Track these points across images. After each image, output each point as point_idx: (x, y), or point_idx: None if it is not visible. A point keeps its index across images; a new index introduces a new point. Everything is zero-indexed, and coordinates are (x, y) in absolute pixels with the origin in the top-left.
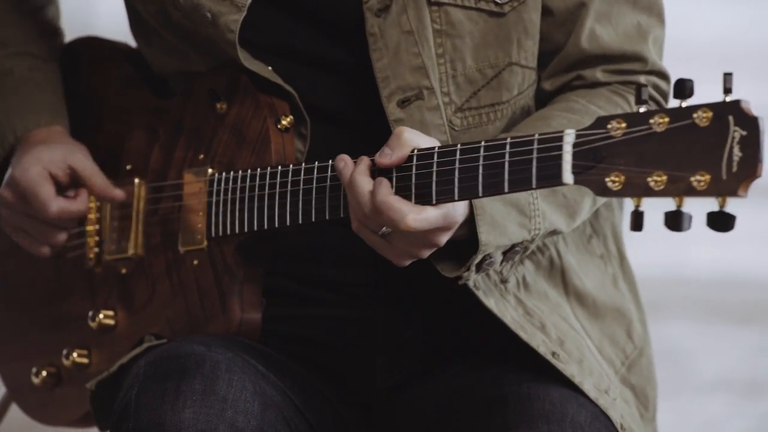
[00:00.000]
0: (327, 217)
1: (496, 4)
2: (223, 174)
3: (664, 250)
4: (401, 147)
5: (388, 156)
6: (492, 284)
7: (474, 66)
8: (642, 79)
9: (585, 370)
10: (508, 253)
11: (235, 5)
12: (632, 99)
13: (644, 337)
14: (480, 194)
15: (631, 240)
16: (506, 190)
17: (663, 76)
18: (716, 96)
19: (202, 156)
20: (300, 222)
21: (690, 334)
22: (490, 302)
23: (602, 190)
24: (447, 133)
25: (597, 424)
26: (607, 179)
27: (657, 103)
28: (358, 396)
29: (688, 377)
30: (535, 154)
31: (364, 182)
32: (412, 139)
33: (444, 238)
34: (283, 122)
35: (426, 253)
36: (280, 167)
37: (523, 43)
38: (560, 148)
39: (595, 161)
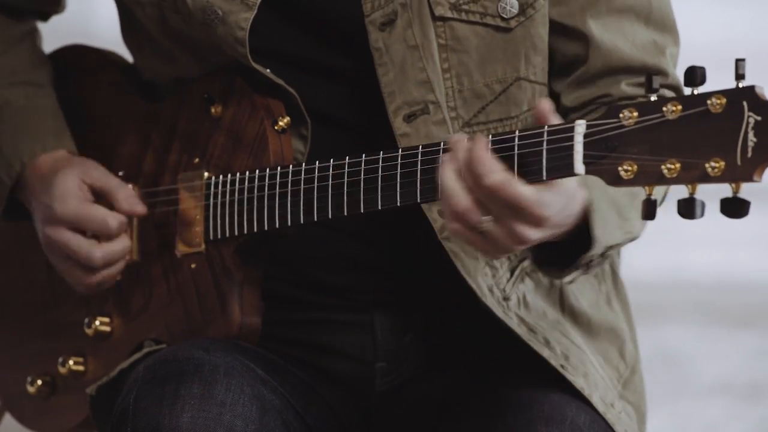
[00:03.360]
0: (330, 216)
1: (503, 19)
2: (221, 177)
3: (664, 254)
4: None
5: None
6: (495, 301)
7: (481, 81)
8: (666, 92)
9: (591, 384)
10: (603, 255)
11: (245, 4)
12: None
13: (635, 355)
14: None
15: (631, 243)
16: None
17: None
18: None
19: (197, 160)
20: (301, 222)
21: (690, 337)
22: (499, 312)
23: (615, 180)
24: None
25: (596, 426)
26: (619, 168)
27: None
28: (357, 399)
29: (687, 381)
30: (545, 146)
31: (447, 168)
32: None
33: (534, 234)
34: (281, 123)
35: (517, 247)
36: (279, 168)
37: (531, 59)
38: (571, 138)
39: (607, 151)
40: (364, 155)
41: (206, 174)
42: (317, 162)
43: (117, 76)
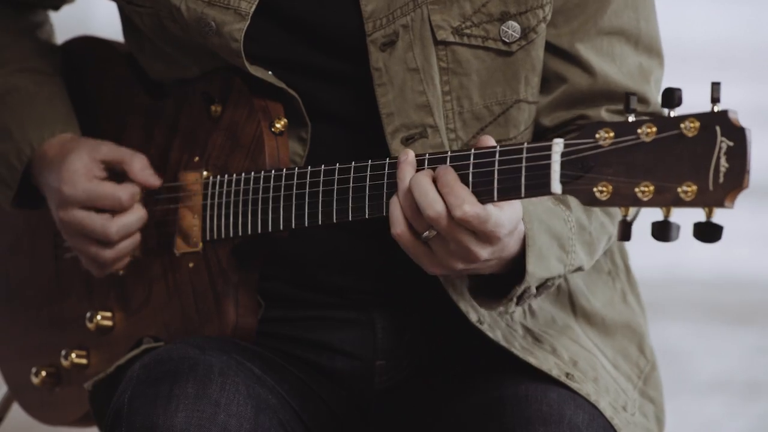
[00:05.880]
0: (320, 222)
1: (505, 43)
2: (218, 177)
3: (663, 251)
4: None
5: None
6: (498, 315)
7: (481, 102)
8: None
9: (601, 388)
10: (541, 287)
11: (239, 14)
12: None
13: (653, 350)
14: None
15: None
16: (495, 198)
17: None
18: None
19: (197, 158)
20: (293, 227)
21: (688, 334)
22: (497, 335)
23: (590, 200)
24: None
25: (595, 425)
26: (595, 189)
27: None
28: (355, 397)
29: (686, 378)
30: (524, 163)
31: (424, 175)
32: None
33: (484, 253)
34: (277, 125)
35: (460, 266)
36: (273, 171)
37: (530, 80)
38: (549, 157)
39: (583, 171)
40: (353, 162)
41: (205, 173)
42: (309, 167)
43: (124, 70)
